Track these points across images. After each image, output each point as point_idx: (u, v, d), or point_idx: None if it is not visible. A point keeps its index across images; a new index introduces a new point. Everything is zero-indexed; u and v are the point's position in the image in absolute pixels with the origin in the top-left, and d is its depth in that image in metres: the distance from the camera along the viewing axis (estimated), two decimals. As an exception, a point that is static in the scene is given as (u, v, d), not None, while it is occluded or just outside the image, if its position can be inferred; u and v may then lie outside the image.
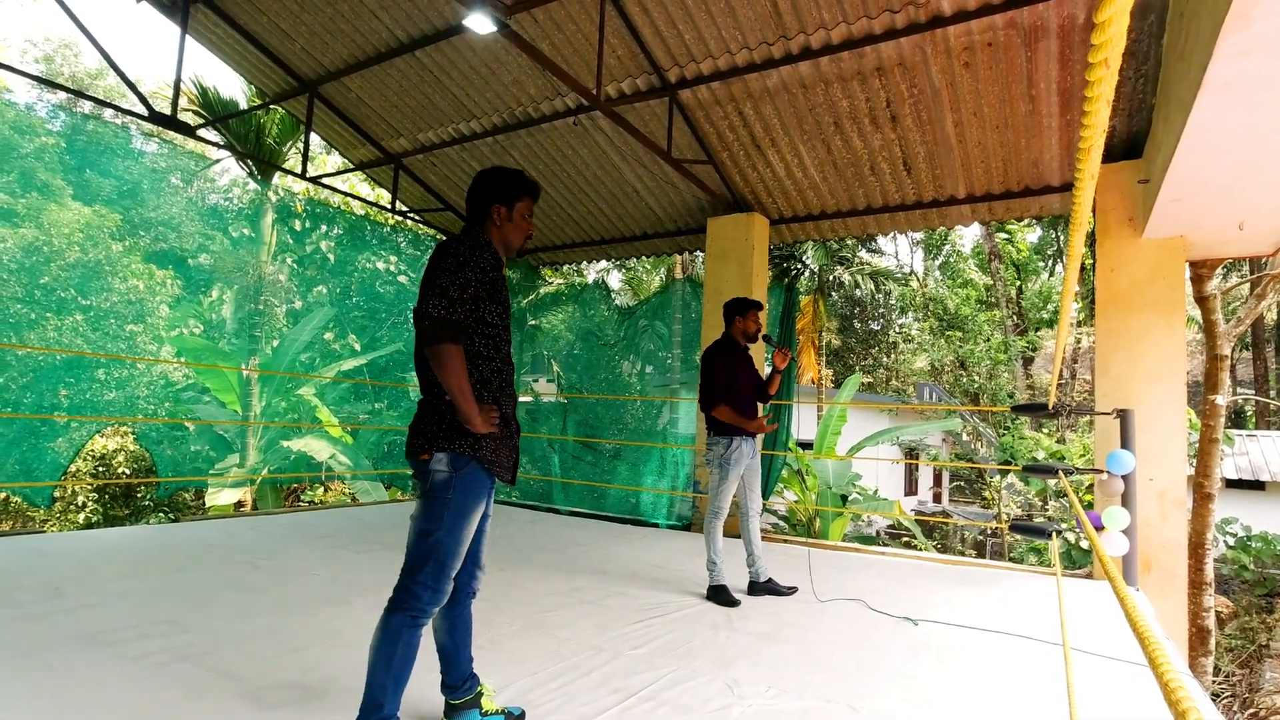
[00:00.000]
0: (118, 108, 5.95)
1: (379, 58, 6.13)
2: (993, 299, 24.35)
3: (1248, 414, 21.95)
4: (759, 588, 4.11)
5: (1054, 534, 3.60)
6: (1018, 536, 12.89)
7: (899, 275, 25.93)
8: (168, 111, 5.80)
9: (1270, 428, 19.57)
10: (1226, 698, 8.50)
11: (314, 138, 8.24)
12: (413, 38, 5.87)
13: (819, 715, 2.43)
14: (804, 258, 19.60)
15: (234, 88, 11.24)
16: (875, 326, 26.59)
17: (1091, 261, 6.21)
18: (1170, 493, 4.62)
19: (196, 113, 9.16)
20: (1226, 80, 2.55)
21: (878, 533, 16.55)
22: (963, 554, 15.68)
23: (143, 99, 5.68)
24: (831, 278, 20.39)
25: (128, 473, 10.06)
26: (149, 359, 6.38)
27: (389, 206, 8.05)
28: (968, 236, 27.35)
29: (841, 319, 25.31)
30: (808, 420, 16.58)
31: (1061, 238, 23.69)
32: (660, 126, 5.92)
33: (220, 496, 7.99)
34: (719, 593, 3.92)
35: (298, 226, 7.37)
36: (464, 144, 7.11)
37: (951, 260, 27.22)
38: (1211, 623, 6.68)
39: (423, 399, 2.10)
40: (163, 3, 5.96)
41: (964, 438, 21.26)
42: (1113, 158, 4.97)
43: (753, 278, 6.52)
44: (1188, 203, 4.01)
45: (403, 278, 8.28)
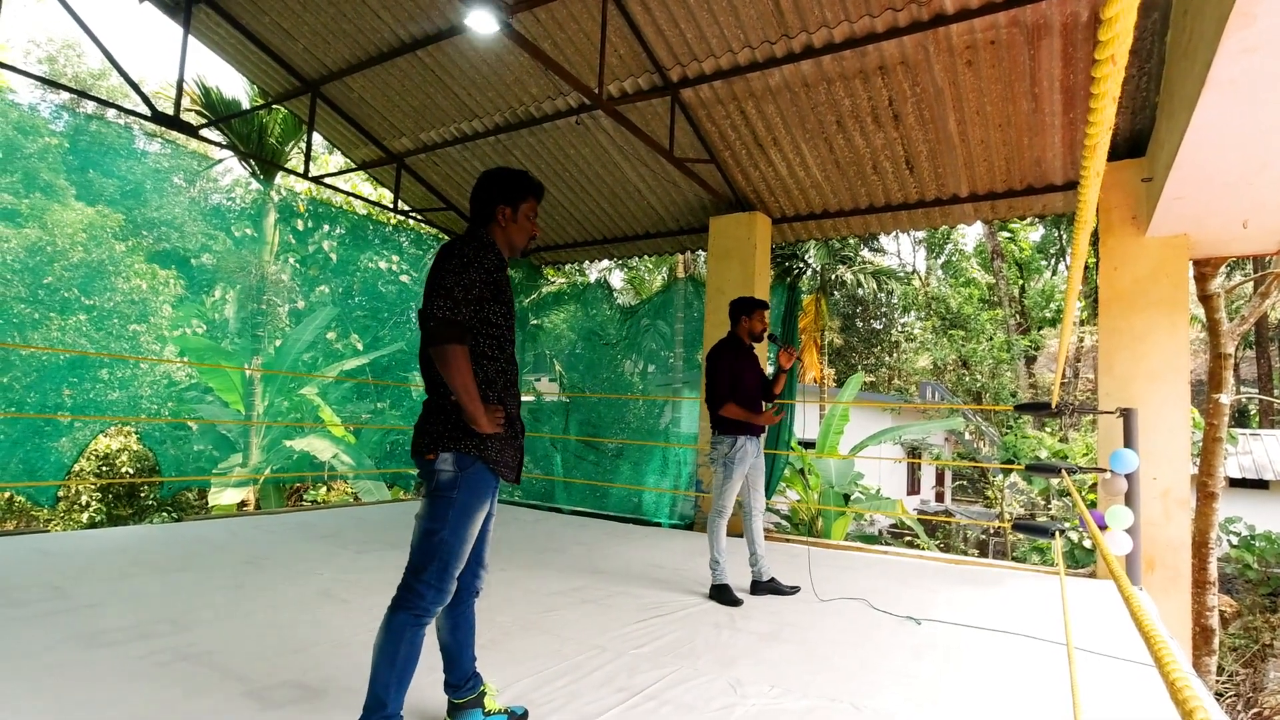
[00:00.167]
0: (121, 108, 5.97)
1: (381, 57, 6.13)
2: (995, 298, 24.31)
3: (1251, 413, 21.90)
4: (762, 587, 4.11)
5: (1057, 533, 3.59)
6: (1020, 536, 12.87)
7: (901, 274, 25.91)
8: (170, 111, 5.81)
9: (1274, 426, 19.51)
10: (1230, 697, 8.48)
11: (316, 137, 8.24)
12: (415, 37, 5.87)
13: (822, 715, 2.43)
14: (806, 257, 19.59)
15: (236, 88, 11.28)
16: (877, 325, 26.57)
17: (1094, 260, 6.20)
18: (1174, 492, 4.61)
19: (199, 113, 9.17)
20: (1231, 77, 2.54)
21: (880, 532, 16.54)
22: (965, 553, 15.66)
23: (145, 99, 5.70)
24: (834, 277, 20.38)
25: (131, 472, 10.08)
26: (152, 359, 6.40)
27: (391, 206, 8.06)
28: (970, 235, 27.33)
29: (844, 318, 25.29)
30: (810, 419, 16.57)
31: (1064, 236, 23.64)
32: (662, 125, 5.91)
33: (223, 496, 8.00)
34: (721, 592, 3.92)
35: (300, 226, 7.38)
36: (466, 143, 7.11)
37: (954, 259, 27.19)
38: (1215, 622, 6.66)
39: (428, 399, 2.10)
40: (165, 3, 5.97)
41: (966, 437, 21.24)
42: (1116, 156, 4.95)
43: (755, 277, 6.52)
44: (1191, 201, 4.00)
45: (405, 277, 8.29)
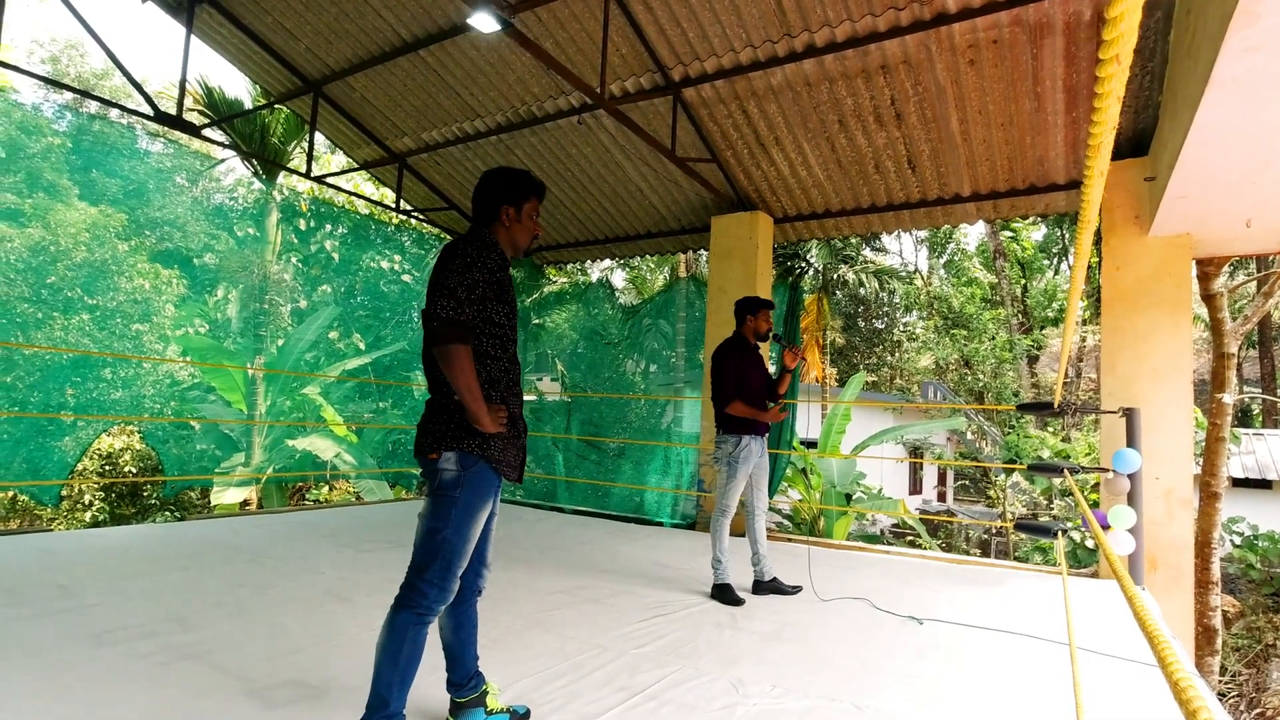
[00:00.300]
0: (123, 108, 5.98)
1: (383, 57, 6.14)
2: (997, 297, 24.28)
3: (1254, 412, 21.84)
4: (764, 587, 4.11)
5: (1059, 533, 3.59)
6: (1023, 535, 12.86)
7: (903, 274, 25.89)
8: (173, 111, 5.82)
9: (1277, 426, 19.46)
10: (1233, 697, 8.47)
11: (319, 137, 8.25)
12: (417, 37, 5.88)
13: (824, 714, 2.43)
14: (808, 256, 19.58)
15: (239, 87, 11.30)
16: (879, 325, 26.54)
17: (1097, 259, 6.19)
18: (1176, 491, 4.60)
19: (202, 112, 9.18)
20: (1234, 76, 2.54)
21: (882, 532, 16.52)
22: (968, 553, 15.65)
23: (148, 99, 5.70)
24: (836, 276, 20.36)
25: (134, 471, 10.10)
26: (155, 358, 6.41)
27: (393, 206, 8.06)
28: (972, 235, 27.29)
29: (846, 317, 25.27)
30: (812, 419, 16.56)
31: (1066, 236, 23.60)
32: (664, 125, 5.91)
33: (226, 495, 8.01)
34: (723, 591, 3.92)
35: (302, 226, 7.39)
36: (468, 143, 7.11)
37: (956, 258, 27.16)
38: (1218, 622, 6.65)
39: (430, 398, 2.11)
40: (168, 3, 5.98)
41: (969, 436, 21.22)
42: (1119, 155, 4.94)
43: (757, 276, 6.51)
44: (1194, 200, 3.99)
45: (407, 277, 8.30)
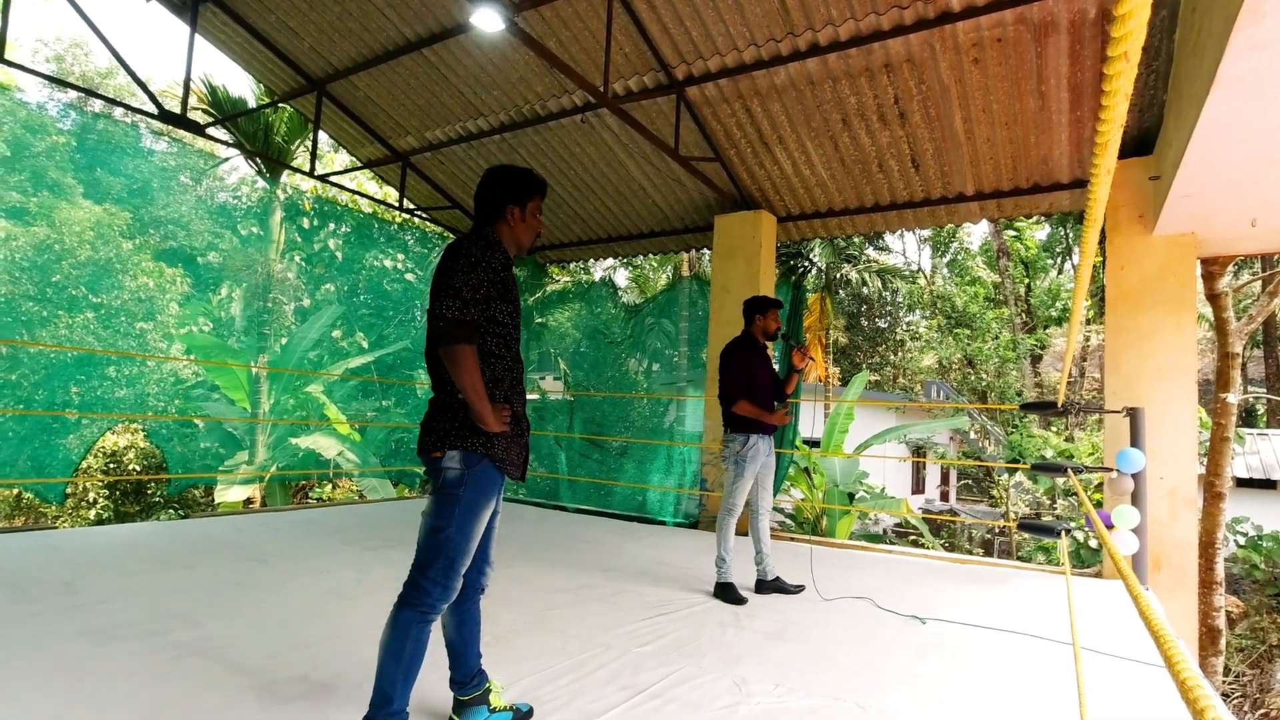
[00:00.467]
0: (128, 106, 5.99)
1: (387, 56, 6.14)
2: (1001, 296, 24.24)
3: (1259, 412, 21.76)
4: (766, 586, 4.11)
5: (1063, 533, 3.58)
6: (1026, 535, 12.83)
7: (906, 273, 25.84)
8: (177, 110, 5.83)
9: (1282, 426, 19.37)
10: (1237, 698, 8.44)
11: (322, 136, 8.27)
12: (420, 36, 5.88)
13: (827, 714, 2.43)
14: (811, 255, 19.55)
15: (243, 86, 11.31)
16: (882, 324, 26.51)
17: (1101, 259, 6.17)
18: (1181, 491, 4.59)
19: (206, 111, 9.20)
20: (1240, 75, 2.53)
21: (884, 531, 16.49)
22: (970, 553, 15.63)
23: (152, 98, 5.72)
24: (839, 275, 20.34)
25: (138, 469, 10.14)
26: (159, 356, 6.43)
27: (396, 204, 8.07)
28: (976, 234, 27.24)
29: (849, 316, 25.25)
30: (815, 418, 16.54)
31: (1070, 235, 23.55)
32: (667, 124, 5.91)
33: (229, 493, 8.03)
34: (726, 590, 3.92)
35: (306, 224, 7.40)
36: (471, 142, 7.11)
37: (959, 258, 27.11)
38: (1222, 622, 6.62)
39: (434, 397, 2.11)
40: (172, 2, 5.99)
41: (972, 436, 21.18)
42: (1123, 154, 4.92)
43: (760, 275, 6.51)
44: (1199, 199, 3.98)
45: (410, 275, 8.31)
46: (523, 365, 2.25)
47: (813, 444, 13.05)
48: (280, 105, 8.44)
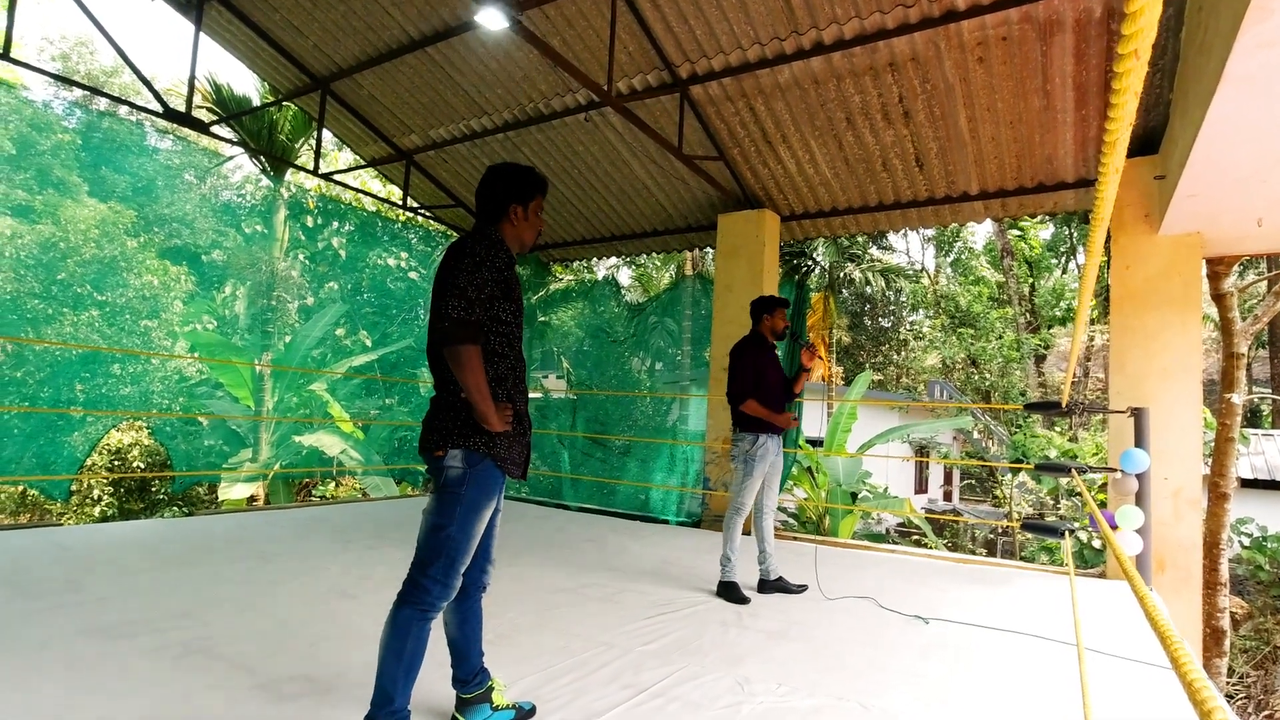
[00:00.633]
0: (133, 105, 6.00)
1: (391, 54, 6.15)
2: (1005, 296, 24.16)
3: (1264, 413, 21.67)
4: (769, 585, 4.10)
5: (1067, 533, 3.57)
6: (1029, 535, 12.80)
7: (910, 272, 25.78)
8: (182, 108, 5.84)
9: (1287, 427, 19.27)
10: (1241, 699, 8.41)
11: (326, 134, 8.28)
12: (424, 34, 5.88)
13: (830, 713, 2.43)
14: (814, 254, 19.51)
15: (247, 84, 11.32)
16: (886, 323, 26.45)
17: (1106, 258, 6.15)
18: (1185, 492, 4.57)
19: (210, 109, 9.22)
20: (1247, 73, 2.51)
21: (887, 530, 16.47)
22: (974, 552, 15.60)
23: (157, 96, 5.73)
24: (842, 274, 20.29)
25: (142, 467, 10.17)
26: (163, 354, 6.45)
27: (400, 203, 8.08)
28: (980, 233, 27.16)
29: (852, 316, 25.21)
30: (818, 417, 16.52)
31: (1074, 234, 23.47)
32: (671, 122, 5.90)
33: (233, 491, 8.05)
34: (729, 589, 3.91)
35: (310, 223, 7.42)
36: (475, 140, 7.12)
37: (963, 257, 27.04)
38: (1226, 624, 6.60)
39: (436, 396, 2.11)
40: (177, 0, 6.00)
41: (975, 436, 21.12)
42: (1129, 153, 4.90)
43: (763, 274, 6.50)
44: (1205, 198, 3.96)
45: (414, 274, 8.32)
46: (525, 364, 2.25)
47: (816, 443, 13.04)
48: (284, 104, 8.44)
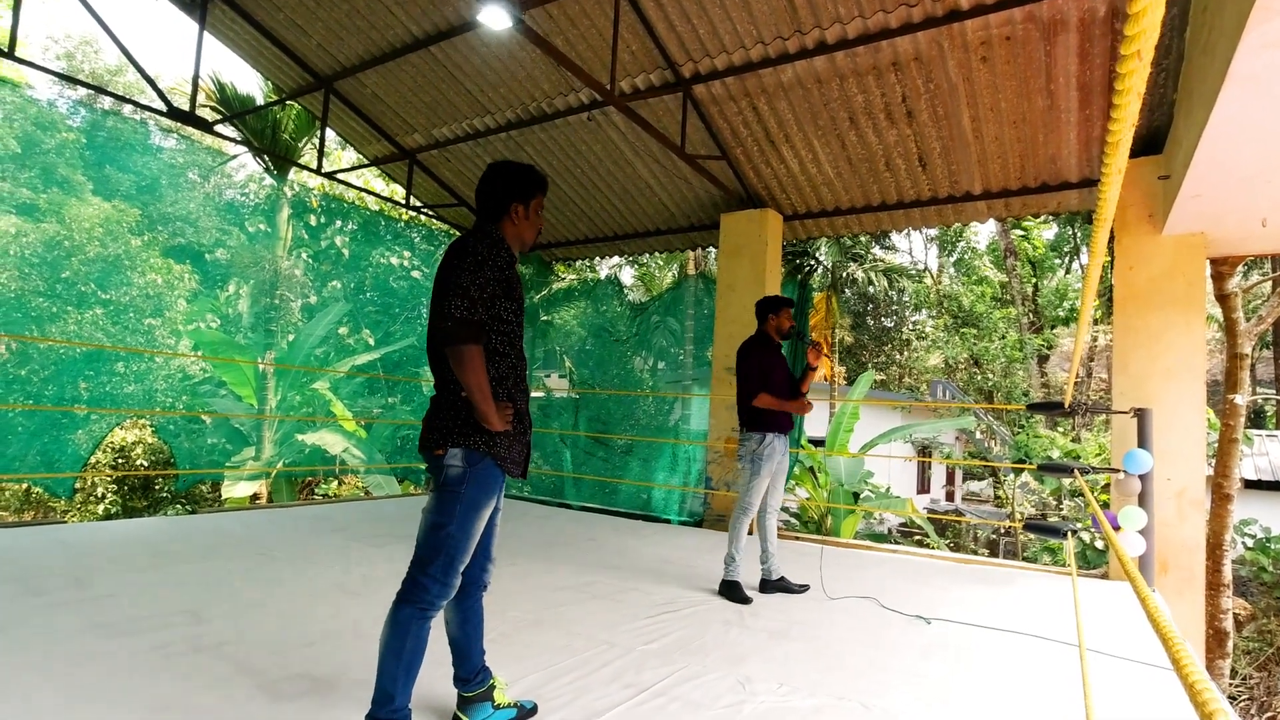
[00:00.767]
0: (137, 103, 6.02)
1: (394, 53, 6.15)
2: (1008, 296, 24.10)
3: (1268, 414, 21.60)
4: (771, 585, 4.10)
5: (1069, 533, 3.57)
6: (1031, 536, 12.78)
7: (913, 272, 25.73)
8: (186, 107, 5.86)
9: (1291, 428, 19.22)
10: (1244, 701, 8.40)
11: (329, 133, 8.29)
12: (428, 33, 5.89)
13: (831, 713, 2.43)
14: (817, 254, 19.49)
15: (251, 83, 11.35)
16: (888, 323, 26.40)
17: (1109, 259, 6.13)
18: (1188, 493, 4.56)
19: (214, 108, 9.23)
20: (1252, 73, 2.51)
21: (889, 530, 16.46)
22: (976, 553, 15.58)
23: (161, 95, 5.74)
24: (845, 274, 20.25)
25: (146, 465, 10.20)
26: (167, 353, 6.47)
27: (403, 202, 8.09)
28: (983, 233, 27.10)
29: (854, 316, 25.15)
30: (820, 417, 16.52)
31: (1078, 234, 23.40)
32: (674, 122, 5.90)
33: (236, 489, 8.07)
34: (732, 589, 3.91)
35: (313, 221, 7.43)
36: (478, 139, 7.12)
37: (966, 257, 26.97)
38: (1229, 625, 6.59)
39: (436, 394, 2.11)
40: (181, -1, 6.01)
41: (978, 436, 21.08)
42: (1133, 153, 4.89)
43: (766, 274, 6.50)
44: (1209, 198, 3.95)
45: (416, 273, 8.33)
46: (526, 362, 2.25)
47: (818, 443, 13.03)
48: (288, 103, 8.46)
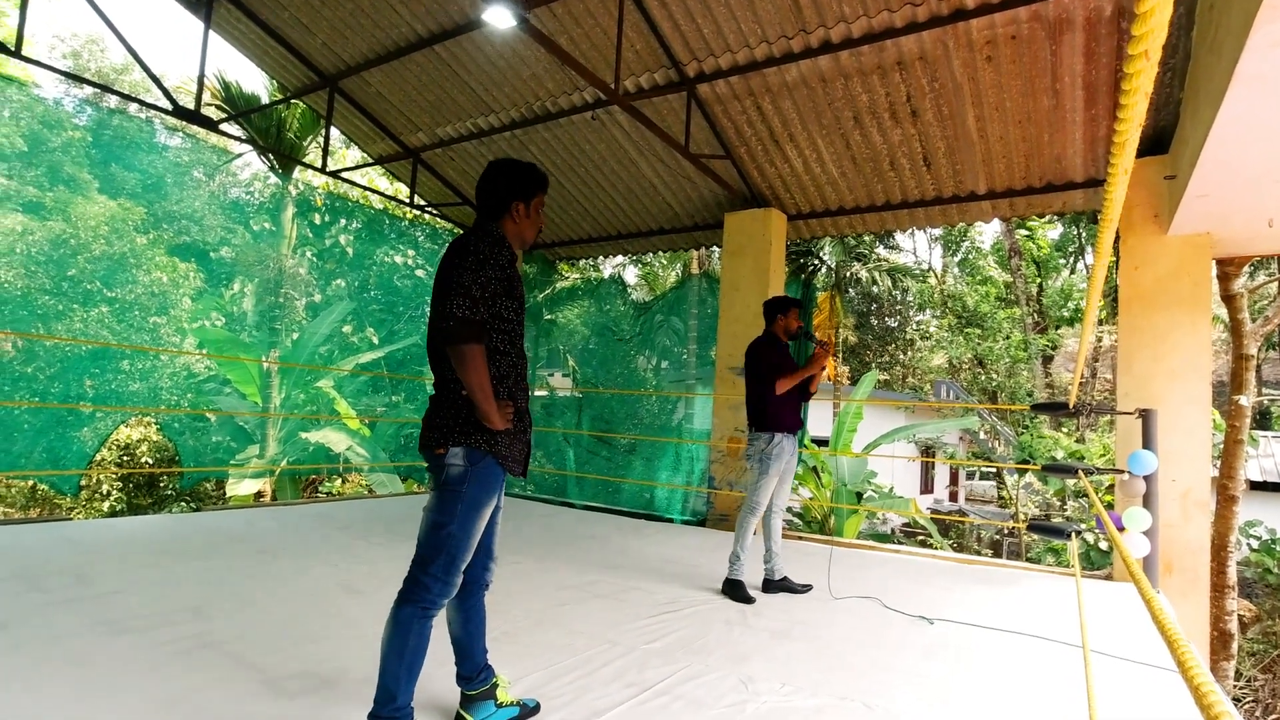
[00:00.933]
0: (143, 102, 6.03)
1: (398, 52, 6.16)
2: (1012, 296, 24.02)
3: (1273, 415, 21.50)
4: (774, 585, 4.10)
5: (1073, 534, 3.56)
6: (1035, 537, 12.76)
7: (917, 272, 25.69)
8: (191, 106, 5.87)
9: (1297, 429, 19.12)
10: (1248, 703, 8.37)
11: (334, 132, 8.30)
12: (432, 32, 5.89)
13: (833, 713, 2.43)
14: (821, 254, 19.46)
15: (256, 82, 11.38)
16: (892, 323, 26.34)
17: (1114, 259, 6.12)
18: (1193, 494, 4.55)
19: (219, 107, 9.26)
20: (1259, 72, 2.50)
21: (892, 531, 16.44)
22: (979, 553, 15.54)
23: (167, 94, 5.76)
24: (849, 274, 20.23)
25: (151, 462, 10.24)
26: (172, 350, 6.49)
27: (407, 201, 8.10)
28: (987, 233, 26.99)
29: (858, 315, 25.10)
30: (824, 417, 16.50)
31: (1083, 234, 23.32)
32: (678, 121, 5.90)
33: (241, 486, 8.10)
34: (735, 588, 3.91)
35: (317, 220, 7.44)
36: (482, 138, 7.13)
37: (971, 257, 26.89)
38: (1234, 626, 6.57)
39: (436, 393, 2.11)
40: (186, -2, 6.03)
41: (981, 436, 21.04)
42: (1139, 153, 4.87)
43: (770, 273, 6.49)
44: (1215, 198, 3.93)
45: (420, 272, 8.34)
46: (526, 360, 2.25)
47: (821, 443, 13.02)
48: (293, 101, 8.48)
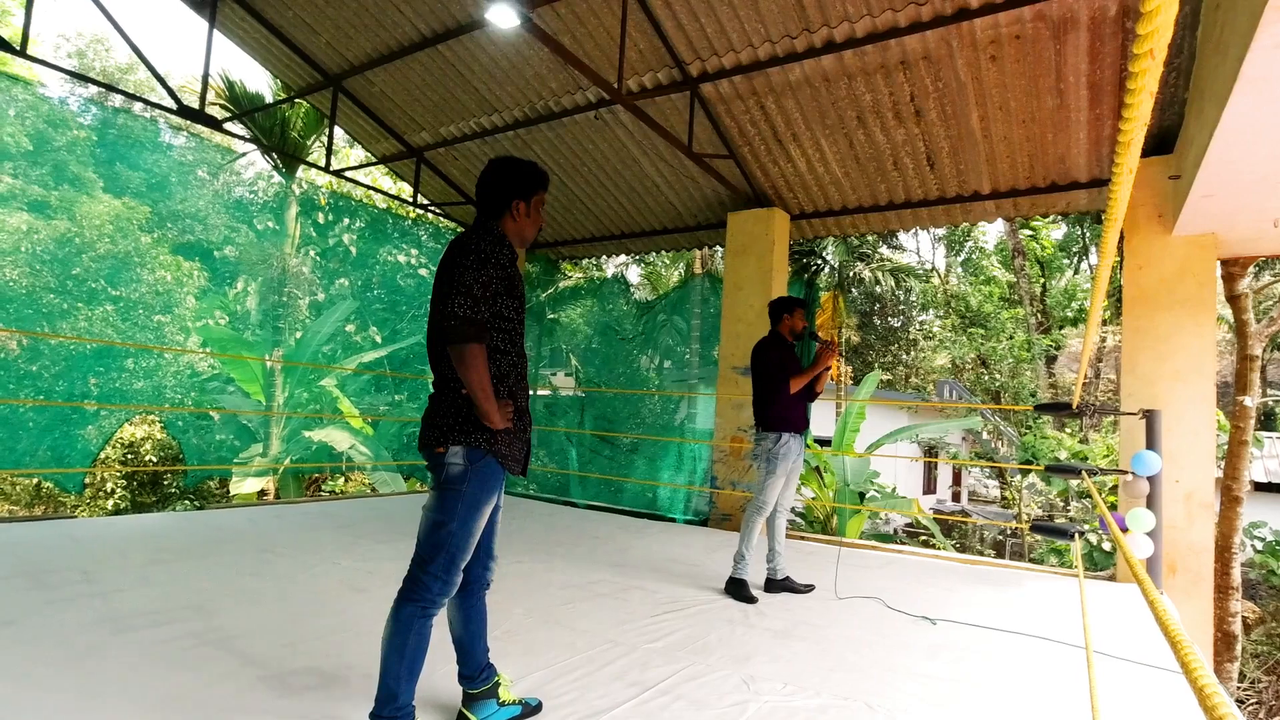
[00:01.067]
0: (147, 101, 6.05)
1: (402, 52, 6.17)
2: (1016, 296, 23.96)
3: (1278, 416, 21.44)
4: (776, 585, 4.10)
5: (1076, 535, 3.56)
6: (1038, 537, 12.73)
7: (920, 271, 25.63)
8: (195, 105, 5.88)
9: (1301, 430, 19.05)
10: (1252, 705, 8.35)
11: (337, 131, 8.30)
12: (435, 32, 5.90)
13: (835, 713, 2.43)
14: (824, 253, 19.45)
15: (260, 82, 11.41)
16: (895, 323, 26.29)
17: (1118, 259, 6.10)
18: (1197, 495, 4.53)
19: (224, 106, 9.29)
20: (1265, 73, 2.49)
21: (895, 531, 16.42)
22: (982, 554, 15.52)
23: (171, 93, 5.77)
24: (851, 274, 20.21)
25: (155, 460, 10.26)
26: (176, 349, 6.51)
27: (410, 200, 8.11)
28: (991, 233, 26.93)
29: (861, 315, 25.06)
30: (827, 417, 16.49)
31: (1087, 234, 23.25)
32: (681, 120, 5.89)
33: (244, 485, 8.12)
34: (738, 587, 3.91)
35: (321, 219, 7.46)
36: (486, 138, 7.13)
37: (974, 257, 26.83)
38: (1238, 628, 6.55)
39: (436, 392, 2.11)
40: (191, -2, 6.04)
41: (984, 436, 21.01)
42: (1143, 153, 4.86)
43: (772, 273, 6.48)
44: (1220, 199, 3.92)
45: (423, 271, 8.36)
46: (527, 359, 2.25)
47: (824, 442, 13.00)
48: (297, 101, 8.50)
